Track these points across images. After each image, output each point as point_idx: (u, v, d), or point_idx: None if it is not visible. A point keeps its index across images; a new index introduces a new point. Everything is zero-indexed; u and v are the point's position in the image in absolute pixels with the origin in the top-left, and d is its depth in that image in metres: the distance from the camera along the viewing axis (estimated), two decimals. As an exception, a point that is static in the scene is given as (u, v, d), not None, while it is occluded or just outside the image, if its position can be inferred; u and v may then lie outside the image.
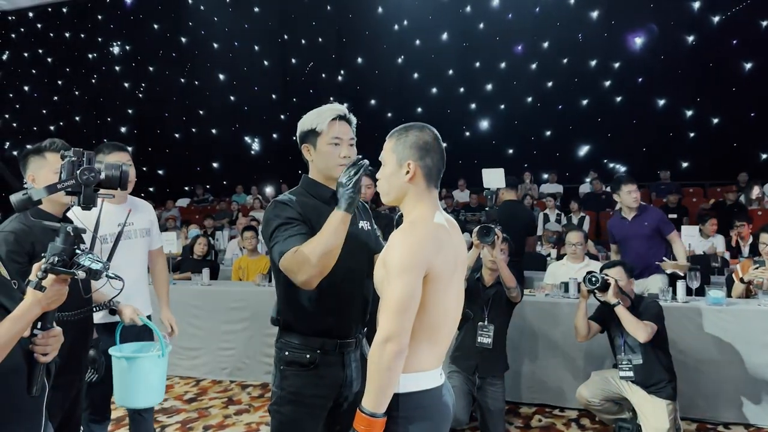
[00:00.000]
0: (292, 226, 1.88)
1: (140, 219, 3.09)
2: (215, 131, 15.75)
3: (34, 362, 1.62)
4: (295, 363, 1.96)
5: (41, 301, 1.53)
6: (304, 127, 2.05)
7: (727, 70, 11.32)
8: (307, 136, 2.04)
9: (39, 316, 1.57)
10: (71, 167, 1.60)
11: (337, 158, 2.01)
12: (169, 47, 16.02)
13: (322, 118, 2.01)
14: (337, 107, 2.06)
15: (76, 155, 1.61)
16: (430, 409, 1.63)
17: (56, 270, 1.52)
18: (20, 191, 1.57)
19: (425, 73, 13.84)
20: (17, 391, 1.60)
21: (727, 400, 3.98)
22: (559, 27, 12.51)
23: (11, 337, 1.49)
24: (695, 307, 4.09)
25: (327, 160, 2.02)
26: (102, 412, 2.92)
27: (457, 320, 1.73)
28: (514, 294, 3.76)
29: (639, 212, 4.74)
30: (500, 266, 3.68)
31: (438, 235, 1.62)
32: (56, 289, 1.55)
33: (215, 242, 9.25)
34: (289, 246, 1.83)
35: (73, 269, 1.54)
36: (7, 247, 2.15)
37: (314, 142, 2.03)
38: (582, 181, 11.87)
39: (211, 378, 5.23)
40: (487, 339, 3.70)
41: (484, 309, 3.76)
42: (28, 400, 1.62)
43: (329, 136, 2.01)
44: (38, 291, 1.52)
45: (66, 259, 1.55)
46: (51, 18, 17.13)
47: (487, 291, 3.81)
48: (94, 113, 16.79)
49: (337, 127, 2.02)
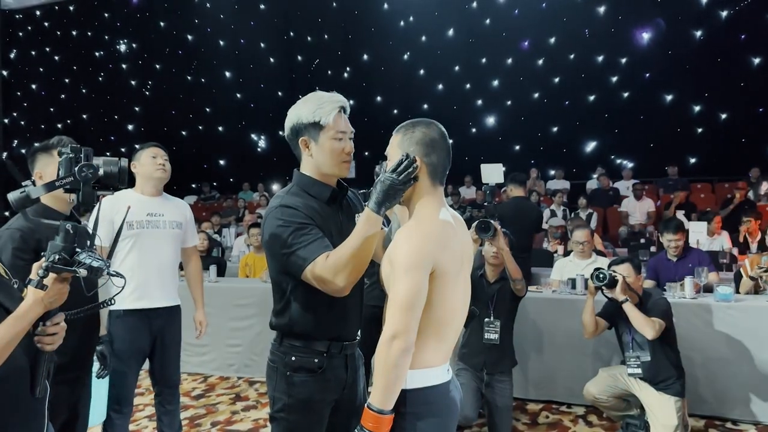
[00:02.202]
0: (308, 230, 1.77)
1: (172, 211, 3.14)
2: (222, 129, 15.79)
3: (37, 363, 1.60)
4: (303, 368, 1.87)
5: (42, 300, 1.51)
6: (303, 118, 1.86)
7: (735, 65, 11.24)
8: (306, 128, 1.87)
9: (41, 316, 1.55)
10: (69, 164, 1.57)
11: (342, 154, 1.88)
12: (175, 45, 16.05)
13: (326, 110, 1.85)
14: (338, 97, 1.91)
15: (74, 152, 1.58)
16: (437, 405, 1.62)
17: (57, 268, 1.50)
18: (18, 189, 1.55)
19: (431, 69, 13.82)
20: (19, 392, 1.58)
21: (736, 397, 3.96)
22: (566, 22, 12.44)
23: (13, 337, 1.47)
24: (703, 304, 4.07)
25: (331, 157, 1.87)
26: (123, 403, 2.96)
27: (464, 316, 1.72)
28: (519, 287, 3.72)
29: (684, 254, 4.71)
30: (506, 258, 3.63)
31: (444, 232, 1.61)
32: (57, 287, 1.53)
33: (222, 239, 9.29)
34: (315, 252, 1.72)
35: (73, 267, 1.51)
36: (13, 244, 2.15)
37: (315, 136, 1.86)
38: (589, 177, 11.81)
39: (218, 374, 5.25)
40: (494, 335, 3.68)
41: (489, 305, 3.74)
42: (30, 401, 1.60)
43: (334, 131, 1.86)
44: (39, 290, 1.50)
45: (66, 257, 1.52)
46: (58, 16, 17.19)
47: (492, 287, 3.79)
48: (101, 111, 16.85)
49: (341, 120, 1.88)
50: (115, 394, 2.93)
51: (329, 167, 1.90)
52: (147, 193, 3.09)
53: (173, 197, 3.27)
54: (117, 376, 2.89)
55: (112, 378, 2.87)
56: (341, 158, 1.89)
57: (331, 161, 1.89)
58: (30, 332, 1.56)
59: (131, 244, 2.96)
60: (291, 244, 1.76)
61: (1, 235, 2.19)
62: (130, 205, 2.57)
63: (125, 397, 2.97)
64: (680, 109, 11.80)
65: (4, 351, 1.45)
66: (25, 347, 1.56)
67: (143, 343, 3.00)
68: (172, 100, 16.03)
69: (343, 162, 1.90)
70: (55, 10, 17.11)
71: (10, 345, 1.46)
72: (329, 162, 1.89)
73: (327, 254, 1.72)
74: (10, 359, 1.47)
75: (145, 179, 3.07)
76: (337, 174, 1.93)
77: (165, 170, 3.08)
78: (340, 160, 1.89)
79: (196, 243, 3.40)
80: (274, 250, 1.83)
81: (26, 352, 1.58)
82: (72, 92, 17.17)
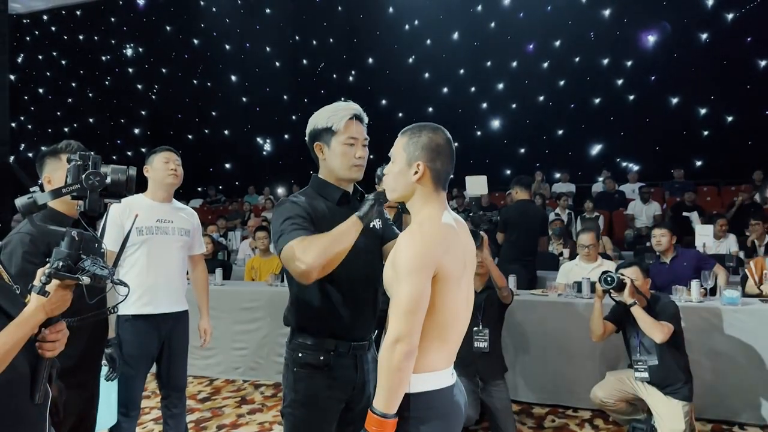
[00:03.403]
0: (300, 221, 1.86)
1: (180, 219, 3.18)
2: (227, 132, 15.83)
3: (37, 369, 1.59)
4: (308, 365, 1.94)
5: (45, 307, 1.49)
6: (318, 124, 1.99)
7: (741, 68, 11.19)
8: (320, 134, 1.99)
9: (43, 322, 1.53)
10: (77, 171, 1.57)
11: (352, 158, 1.97)
12: (181, 49, 16.13)
13: (339, 116, 1.96)
14: (353, 106, 2.01)
15: (81, 159, 1.58)
16: (441, 408, 1.62)
17: (60, 275, 1.47)
18: (26, 195, 1.54)
19: (436, 72, 13.83)
20: (20, 398, 1.56)
21: (743, 401, 3.94)
22: (571, 25, 12.43)
23: (15, 344, 1.45)
24: (710, 307, 4.05)
25: (341, 160, 1.97)
26: (131, 406, 2.98)
27: (468, 319, 1.73)
28: (506, 294, 3.77)
29: (676, 254, 4.71)
30: (490, 267, 3.67)
31: (446, 236, 1.62)
32: (60, 294, 1.51)
33: (228, 243, 9.30)
34: (295, 237, 1.81)
35: (77, 274, 1.48)
36: (23, 248, 2.15)
37: (328, 141, 1.98)
38: (595, 180, 11.79)
39: (224, 377, 5.26)
40: (484, 343, 3.72)
41: (477, 314, 3.74)
42: (31, 407, 1.58)
43: (345, 136, 1.96)
44: (42, 296, 1.48)
45: (71, 264, 1.50)
46: (65, 20, 17.31)
47: (478, 296, 3.78)
48: (108, 115, 16.94)
49: (353, 126, 1.98)
50: (123, 397, 2.95)
51: (341, 171, 1.99)
52: (158, 198, 3.12)
53: (182, 205, 3.31)
54: (125, 380, 2.91)
55: (120, 382, 2.88)
56: (352, 162, 1.98)
57: (342, 165, 1.98)
58: (31, 338, 1.54)
59: (140, 250, 2.99)
60: (279, 231, 1.86)
61: (11, 240, 2.19)
62: (139, 212, 2.59)
63: (133, 401, 2.99)
64: (686, 111, 11.76)
65: (6, 358, 1.44)
66: (26, 353, 1.55)
67: (152, 348, 3.02)
68: (178, 103, 16.10)
69: (354, 166, 1.98)
70: (62, 14, 17.24)
71: (11, 352, 1.45)
72: (340, 165, 1.98)
73: (302, 237, 1.80)
74: (10, 365, 1.46)
75: (157, 184, 3.11)
76: (348, 177, 2.00)
77: (177, 175, 3.12)
78: (351, 164, 1.98)
79: (203, 251, 3.43)
80: (273, 238, 1.92)
81: (27, 358, 1.56)
82: (79, 96, 17.27)
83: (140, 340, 2.95)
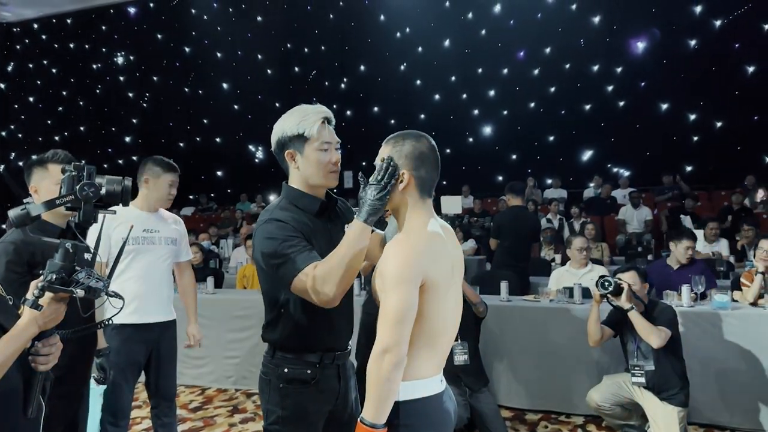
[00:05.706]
0: (296, 242, 1.76)
1: (166, 228, 3.20)
2: (219, 140, 15.80)
3: (30, 383, 1.57)
4: (296, 380, 1.86)
5: (38, 320, 1.47)
6: (288, 131, 1.87)
7: (730, 74, 11.31)
8: (291, 141, 1.87)
9: (36, 336, 1.51)
10: (71, 182, 1.55)
11: (329, 165, 1.88)
12: (172, 57, 16.09)
13: (310, 121, 1.86)
14: (321, 108, 1.91)
15: (76, 170, 1.56)
16: (431, 416, 1.62)
17: (54, 288, 1.45)
18: (19, 206, 1.52)
19: (428, 79, 13.88)
20: (14, 412, 1.54)
21: (735, 405, 3.95)
22: (561, 32, 12.52)
23: (7, 357, 1.43)
24: (701, 312, 4.07)
25: (317, 168, 1.87)
26: (119, 416, 2.97)
27: (457, 326, 1.73)
28: (481, 309, 3.87)
29: (687, 263, 4.72)
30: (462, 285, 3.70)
31: (433, 244, 1.61)
32: (54, 308, 1.49)
33: (219, 251, 9.27)
34: (303, 263, 1.70)
35: (71, 287, 1.46)
36: (7, 257, 2.14)
37: (300, 148, 1.87)
38: (586, 186, 11.86)
39: (216, 387, 5.23)
40: (464, 356, 3.77)
41: None
42: (25, 421, 1.56)
43: (319, 142, 1.86)
44: (35, 309, 1.46)
45: (64, 276, 1.47)
46: (55, 29, 17.25)
47: None
48: (99, 123, 16.86)
49: (325, 131, 1.88)
50: (111, 406, 2.93)
51: (316, 178, 1.89)
52: (146, 209, 3.13)
53: (168, 213, 3.31)
54: (113, 388, 2.90)
55: (107, 390, 2.87)
56: (328, 168, 1.89)
57: (318, 172, 1.88)
58: (24, 351, 1.52)
59: (127, 260, 3.00)
60: (279, 256, 1.75)
61: None
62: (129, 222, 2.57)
63: (121, 410, 2.97)
64: (676, 117, 11.85)
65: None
66: (19, 366, 1.53)
67: (138, 356, 3.01)
68: (169, 111, 16.07)
69: (330, 172, 1.90)
70: (53, 22, 17.18)
71: (4, 366, 1.44)
72: (316, 173, 1.88)
73: (315, 264, 1.70)
74: (3, 379, 1.44)
75: (153, 199, 3.14)
76: (324, 185, 1.92)
77: (172, 198, 3.19)
78: (327, 170, 1.89)
79: (189, 258, 3.44)
80: (264, 263, 1.82)
81: (20, 371, 1.54)
82: (69, 104, 17.19)
83: (126, 347, 2.95)
